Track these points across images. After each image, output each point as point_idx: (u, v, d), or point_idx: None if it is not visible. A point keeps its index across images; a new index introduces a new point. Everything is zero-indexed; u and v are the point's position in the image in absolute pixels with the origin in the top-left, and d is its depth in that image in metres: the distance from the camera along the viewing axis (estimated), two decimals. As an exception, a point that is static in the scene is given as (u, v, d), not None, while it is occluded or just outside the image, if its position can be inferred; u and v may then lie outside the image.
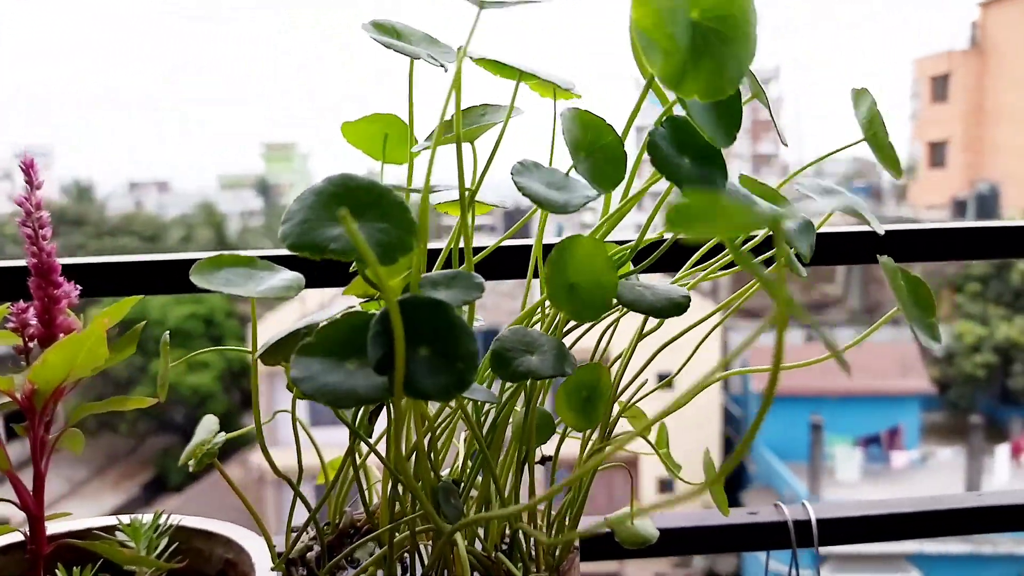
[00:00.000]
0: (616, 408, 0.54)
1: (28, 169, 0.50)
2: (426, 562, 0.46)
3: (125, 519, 0.56)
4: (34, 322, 0.50)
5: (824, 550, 0.65)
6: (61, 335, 0.51)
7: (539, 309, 0.47)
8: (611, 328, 0.54)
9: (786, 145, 0.53)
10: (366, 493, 0.51)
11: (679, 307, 0.43)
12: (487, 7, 0.41)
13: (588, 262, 0.41)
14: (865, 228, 0.71)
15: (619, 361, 0.51)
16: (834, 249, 0.72)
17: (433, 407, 0.47)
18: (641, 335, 0.54)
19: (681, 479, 0.61)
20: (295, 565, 0.50)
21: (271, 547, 0.50)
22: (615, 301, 0.42)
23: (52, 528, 0.58)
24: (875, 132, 0.48)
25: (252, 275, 0.41)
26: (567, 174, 0.43)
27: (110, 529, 0.58)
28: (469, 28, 0.41)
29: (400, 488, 0.45)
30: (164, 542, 0.59)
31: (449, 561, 0.45)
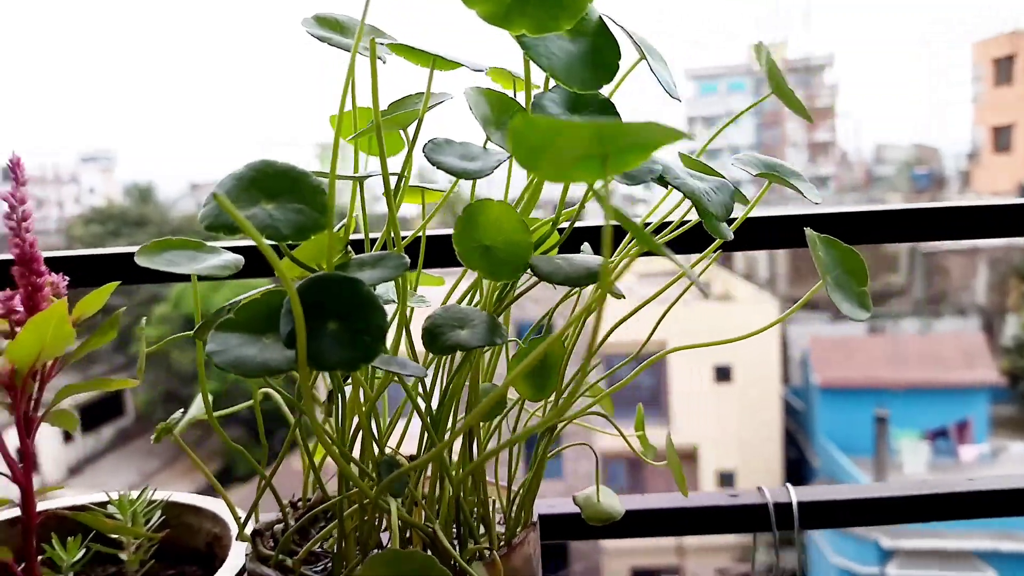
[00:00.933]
0: (577, 385, 0.55)
1: (15, 168, 0.53)
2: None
3: (114, 494, 0.60)
4: (20, 309, 0.54)
5: (893, 545, 0.64)
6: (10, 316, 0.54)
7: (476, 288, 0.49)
8: (562, 303, 0.55)
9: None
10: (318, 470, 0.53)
11: (594, 276, 0.44)
12: None
13: (498, 224, 0.42)
14: (835, 210, 0.70)
15: (568, 337, 0.52)
16: (789, 230, 0.71)
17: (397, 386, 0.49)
18: (623, 318, 0.55)
19: (649, 462, 0.62)
20: (261, 536, 0.52)
21: (237, 520, 0.53)
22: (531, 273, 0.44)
23: (50, 503, 0.62)
24: (777, 83, 0.48)
25: (195, 256, 0.43)
26: (484, 146, 0.44)
27: (105, 505, 0.61)
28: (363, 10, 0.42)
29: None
30: (157, 516, 0.63)
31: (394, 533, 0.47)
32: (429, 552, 0.49)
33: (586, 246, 0.57)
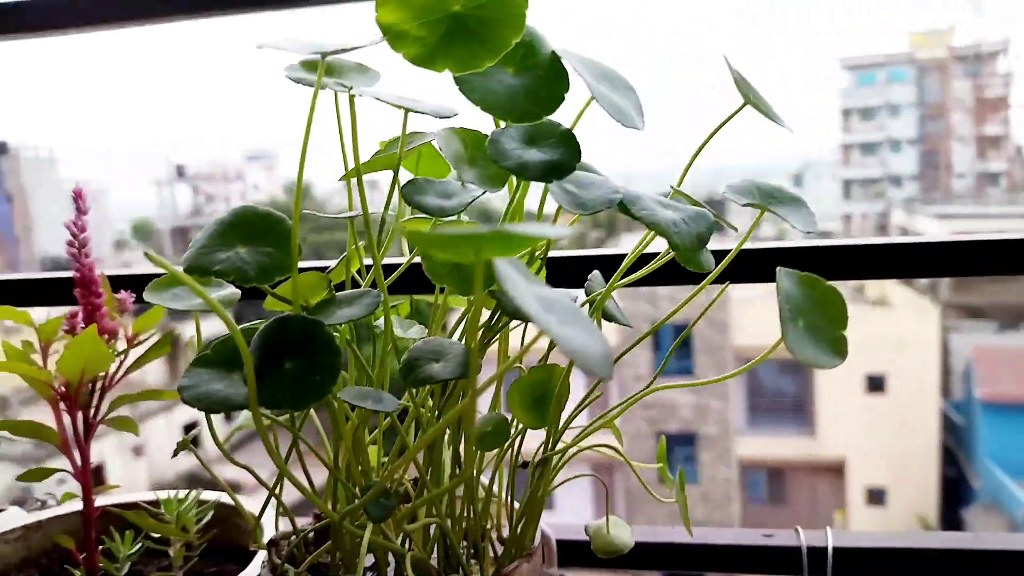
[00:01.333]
0: (572, 416, 0.55)
1: (77, 199, 0.60)
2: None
3: (165, 494, 0.66)
4: (83, 325, 0.60)
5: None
6: (105, 336, 0.60)
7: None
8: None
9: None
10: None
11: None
12: (329, 55, 0.44)
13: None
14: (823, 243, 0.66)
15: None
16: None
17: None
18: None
19: (658, 498, 0.61)
20: (276, 545, 0.56)
21: (255, 529, 0.57)
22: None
23: (107, 499, 0.69)
24: (746, 95, 0.46)
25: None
26: (462, 183, 0.45)
27: (157, 503, 0.67)
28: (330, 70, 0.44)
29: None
30: (208, 516, 0.68)
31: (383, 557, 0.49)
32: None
33: (595, 274, 0.56)
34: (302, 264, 0.44)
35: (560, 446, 0.55)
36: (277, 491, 0.51)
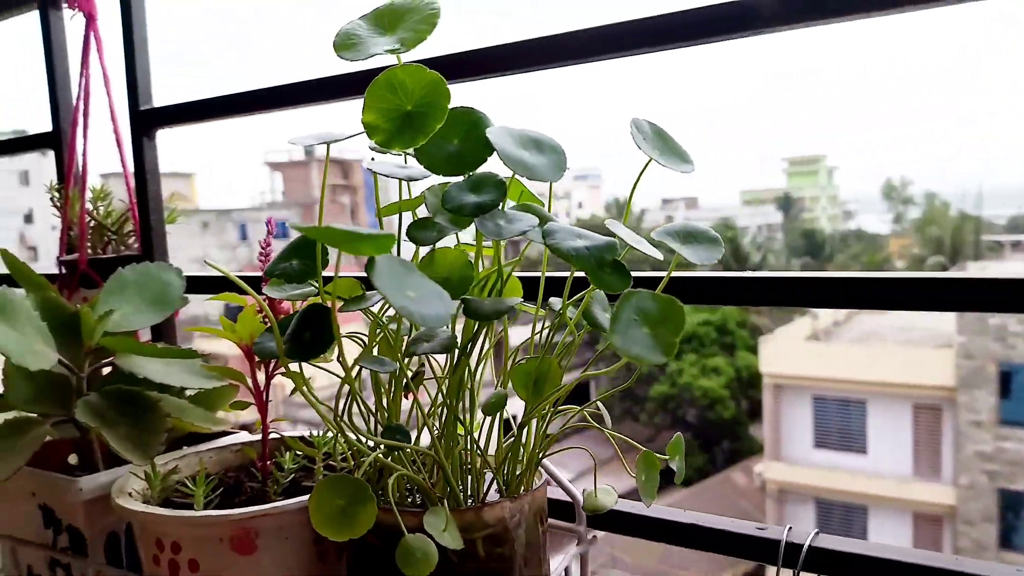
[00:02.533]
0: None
1: (269, 223, 0.89)
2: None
3: (316, 432, 0.93)
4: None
5: None
6: (282, 315, 0.89)
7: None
8: (544, 328, 0.71)
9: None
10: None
11: (500, 313, 0.60)
12: (298, 144, 0.64)
13: (454, 263, 0.62)
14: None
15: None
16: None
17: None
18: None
19: (625, 465, 0.73)
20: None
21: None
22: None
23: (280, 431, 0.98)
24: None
25: (284, 288, 0.72)
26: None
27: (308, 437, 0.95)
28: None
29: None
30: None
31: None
32: (421, 498, 0.71)
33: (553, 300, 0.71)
34: (351, 273, 0.67)
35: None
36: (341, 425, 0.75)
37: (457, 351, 0.67)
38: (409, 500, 0.73)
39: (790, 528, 0.73)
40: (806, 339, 19.37)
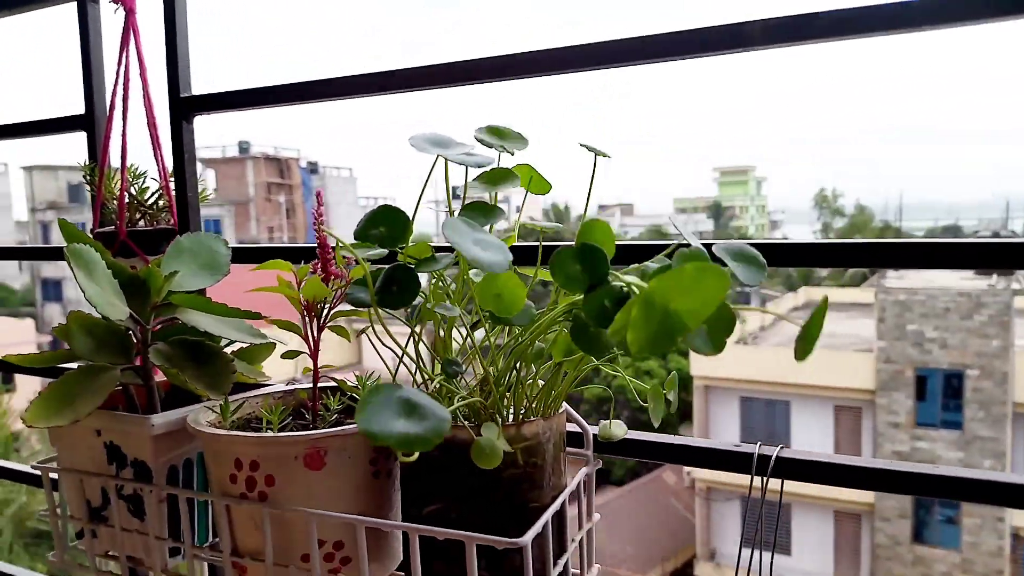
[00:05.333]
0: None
1: (318, 195, 1.04)
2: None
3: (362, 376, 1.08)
4: (321, 273, 1.04)
5: None
6: (332, 276, 1.04)
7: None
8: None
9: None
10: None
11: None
12: (418, 147, 0.79)
13: (506, 283, 0.77)
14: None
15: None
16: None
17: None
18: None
19: (636, 397, 0.91)
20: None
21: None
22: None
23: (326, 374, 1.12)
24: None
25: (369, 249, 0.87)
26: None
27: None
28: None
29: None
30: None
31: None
32: (472, 420, 0.87)
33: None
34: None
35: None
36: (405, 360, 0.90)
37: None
38: (456, 422, 0.89)
39: (760, 444, 0.91)
40: (735, 343, 20.05)
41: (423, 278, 0.78)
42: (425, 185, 0.86)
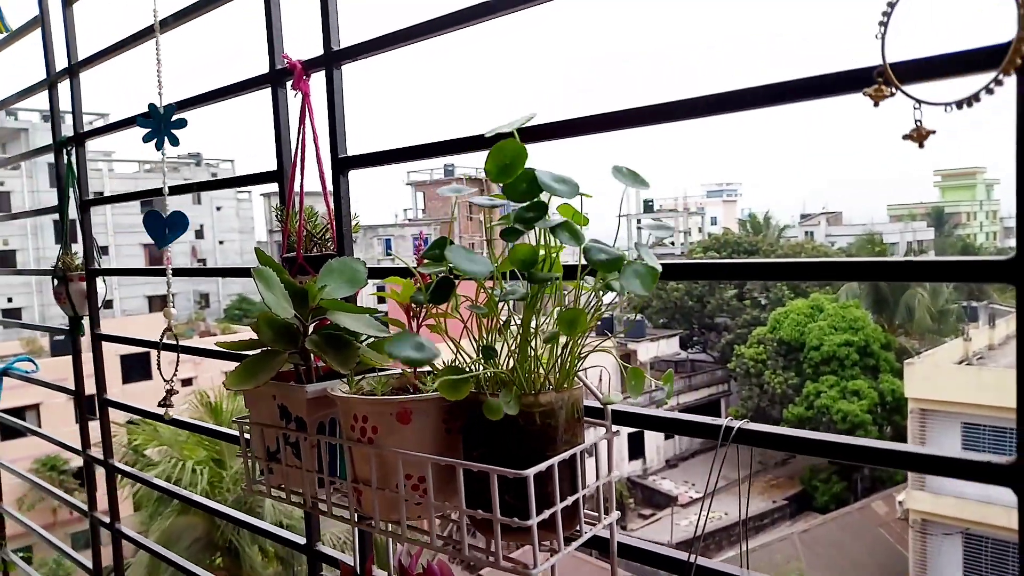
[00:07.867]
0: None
1: (419, 236, 1.41)
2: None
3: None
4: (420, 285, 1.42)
5: None
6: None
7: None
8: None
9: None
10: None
11: (546, 279, 1.10)
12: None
13: (526, 251, 1.11)
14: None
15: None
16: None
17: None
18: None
19: (647, 375, 1.20)
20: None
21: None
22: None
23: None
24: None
25: (472, 256, 1.24)
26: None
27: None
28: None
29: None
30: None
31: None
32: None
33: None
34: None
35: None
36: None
37: (528, 299, 1.17)
38: (490, 393, 1.23)
39: (730, 418, 1.18)
40: (956, 363, 18.36)
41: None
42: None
